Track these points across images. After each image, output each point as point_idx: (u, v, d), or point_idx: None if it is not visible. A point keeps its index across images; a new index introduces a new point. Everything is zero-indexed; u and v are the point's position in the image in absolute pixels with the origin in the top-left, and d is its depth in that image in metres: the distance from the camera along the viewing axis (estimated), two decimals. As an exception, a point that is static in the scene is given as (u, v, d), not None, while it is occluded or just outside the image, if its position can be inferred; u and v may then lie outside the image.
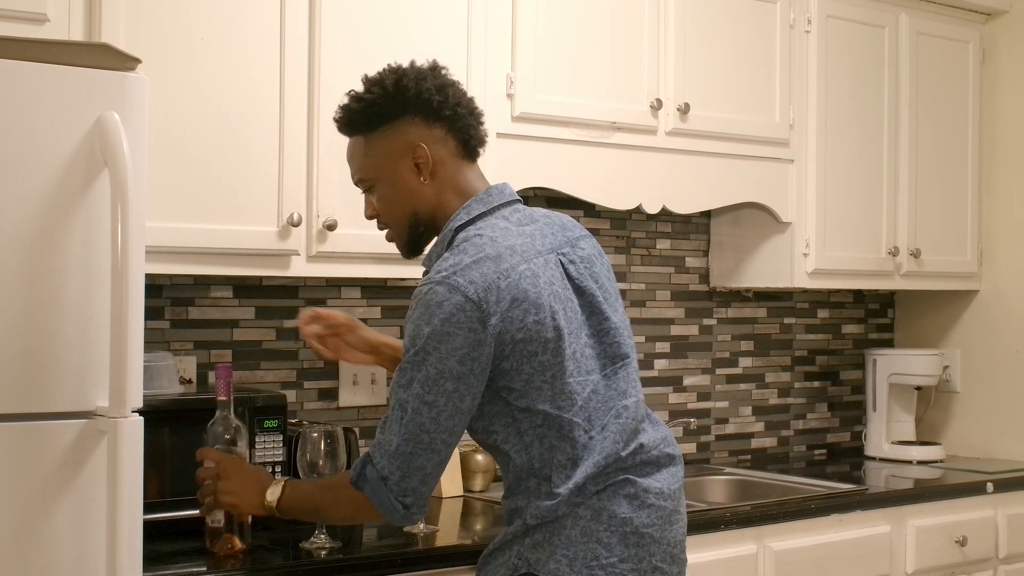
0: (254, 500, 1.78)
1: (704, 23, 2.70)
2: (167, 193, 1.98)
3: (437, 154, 1.73)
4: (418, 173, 1.73)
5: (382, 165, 1.74)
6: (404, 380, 1.64)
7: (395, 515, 1.66)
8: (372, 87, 1.75)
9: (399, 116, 1.72)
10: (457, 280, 1.62)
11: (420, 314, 1.63)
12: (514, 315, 1.63)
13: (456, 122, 1.74)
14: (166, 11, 2.00)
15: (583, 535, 1.65)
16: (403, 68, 1.75)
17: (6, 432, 1.54)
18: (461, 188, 1.75)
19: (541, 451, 1.68)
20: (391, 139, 1.73)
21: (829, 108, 2.93)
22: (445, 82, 1.75)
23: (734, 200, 2.83)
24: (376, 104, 1.73)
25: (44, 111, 1.56)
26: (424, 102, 1.72)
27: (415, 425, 1.62)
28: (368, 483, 1.65)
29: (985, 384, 3.28)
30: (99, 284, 1.58)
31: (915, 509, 2.73)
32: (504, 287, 1.63)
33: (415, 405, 1.62)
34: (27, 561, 1.55)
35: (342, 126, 1.78)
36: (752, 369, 3.21)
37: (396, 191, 1.74)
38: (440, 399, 1.61)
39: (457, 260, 1.65)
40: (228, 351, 2.40)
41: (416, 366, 1.62)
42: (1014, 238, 3.24)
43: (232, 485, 1.80)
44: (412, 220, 1.75)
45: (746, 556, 2.43)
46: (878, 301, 3.48)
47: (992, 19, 3.28)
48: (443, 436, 1.63)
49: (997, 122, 3.27)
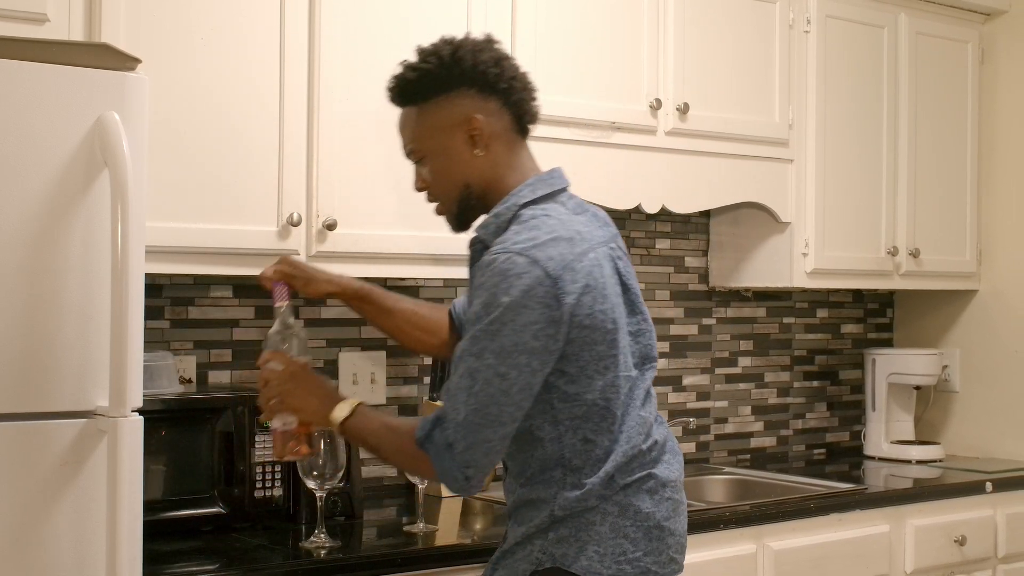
0: (321, 410, 1.71)
1: (703, 23, 2.70)
2: (167, 193, 1.99)
3: (492, 127, 1.70)
4: (472, 145, 1.70)
5: (435, 136, 1.71)
6: (476, 349, 1.60)
7: (454, 484, 1.63)
8: (428, 57, 1.71)
9: (455, 87, 1.69)
10: (536, 254, 1.60)
11: (497, 282, 1.60)
12: (585, 300, 1.62)
13: (511, 95, 1.72)
14: (166, 11, 2.00)
15: (612, 531, 1.66)
16: (459, 39, 1.72)
17: (6, 432, 1.54)
18: (515, 164, 1.73)
19: (574, 442, 1.67)
20: (445, 110, 1.70)
21: (828, 108, 2.94)
22: (500, 55, 1.73)
23: (733, 200, 2.83)
24: (431, 74, 1.70)
25: (44, 111, 1.56)
26: (480, 74, 1.69)
27: (485, 396, 1.59)
28: (433, 447, 1.61)
29: (984, 384, 3.29)
30: (99, 284, 1.58)
31: (914, 509, 2.74)
32: (579, 270, 1.62)
33: (487, 376, 1.59)
34: (27, 560, 1.55)
35: (395, 96, 1.74)
36: (751, 369, 3.21)
37: (449, 163, 1.71)
38: (512, 372, 1.59)
39: (532, 235, 1.63)
40: (228, 351, 2.40)
41: (490, 336, 1.59)
42: (1013, 238, 3.24)
43: (300, 390, 1.72)
44: (464, 193, 1.72)
45: (745, 556, 2.43)
46: (877, 301, 3.48)
47: (991, 19, 3.28)
48: (511, 410, 1.60)
49: (996, 122, 3.27)
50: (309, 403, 1.72)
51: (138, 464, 1.58)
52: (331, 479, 2.03)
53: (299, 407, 1.73)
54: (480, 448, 1.60)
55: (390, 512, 2.38)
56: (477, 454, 1.60)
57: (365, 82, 2.22)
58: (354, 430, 1.71)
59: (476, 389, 1.59)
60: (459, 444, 1.60)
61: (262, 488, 2.12)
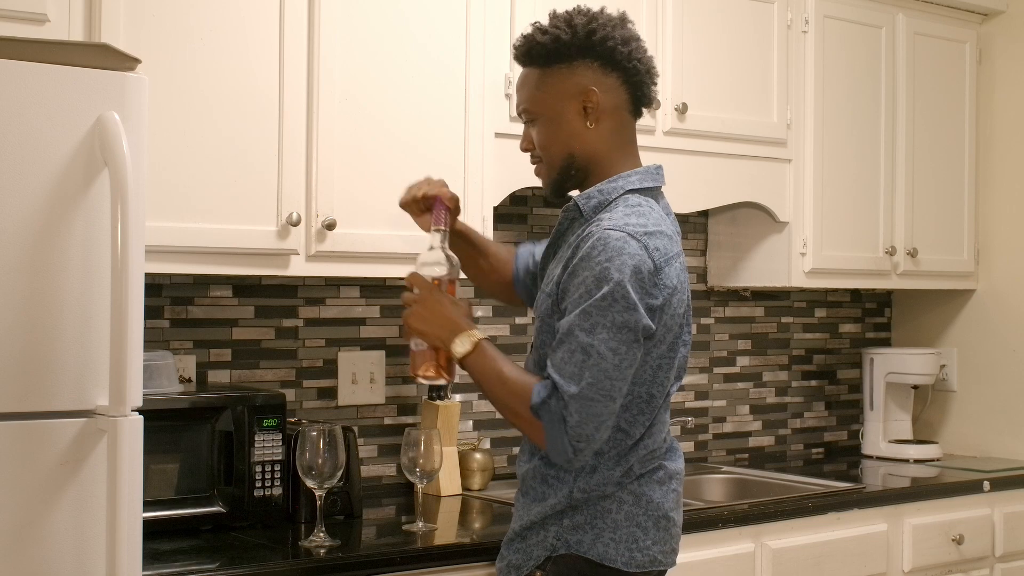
0: (443, 335, 1.72)
1: (702, 23, 2.71)
2: (167, 192, 1.99)
3: (608, 102, 1.75)
4: (585, 117, 1.75)
5: (551, 101, 1.75)
6: (588, 324, 1.62)
7: (563, 456, 1.64)
8: (560, 24, 1.76)
9: (580, 57, 1.74)
10: (648, 241, 1.66)
11: (609, 258, 1.63)
12: (673, 300, 1.69)
13: (632, 76, 1.76)
14: (166, 11, 2.00)
15: (627, 519, 1.71)
16: (595, 12, 1.77)
17: (6, 431, 1.54)
18: (621, 144, 1.78)
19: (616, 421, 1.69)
20: (566, 78, 1.74)
21: (826, 108, 2.94)
22: (631, 35, 1.78)
23: (732, 200, 2.84)
24: (561, 40, 1.74)
25: (44, 111, 1.56)
26: (608, 49, 1.74)
27: (599, 371, 1.61)
28: (549, 415, 1.62)
29: (982, 383, 3.29)
30: (99, 283, 1.58)
31: (912, 507, 2.74)
32: (674, 267, 1.69)
33: (601, 351, 1.61)
34: (27, 559, 1.55)
35: (521, 55, 1.79)
36: (750, 368, 3.22)
37: (558, 129, 1.76)
38: (623, 348, 1.62)
39: (641, 221, 1.68)
40: (227, 350, 2.40)
41: (602, 312, 1.62)
42: (1010, 237, 3.25)
43: (427, 314, 1.72)
44: (567, 161, 1.76)
45: (744, 554, 2.44)
46: (875, 300, 3.49)
47: (989, 19, 3.29)
48: (621, 386, 1.63)
49: (994, 122, 3.28)
50: (430, 328, 1.72)
51: (138, 463, 1.59)
52: (330, 478, 2.03)
53: (420, 331, 1.73)
54: (592, 423, 1.62)
55: (389, 511, 2.38)
56: (589, 428, 1.62)
57: (364, 82, 2.23)
58: (472, 367, 1.72)
59: (590, 364, 1.61)
60: (573, 417, 1.62)
61: (261, 487, 2.12)
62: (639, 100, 1.79)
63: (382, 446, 2.58)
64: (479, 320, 2.75)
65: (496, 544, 1.87)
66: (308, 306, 2.51)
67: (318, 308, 2.52)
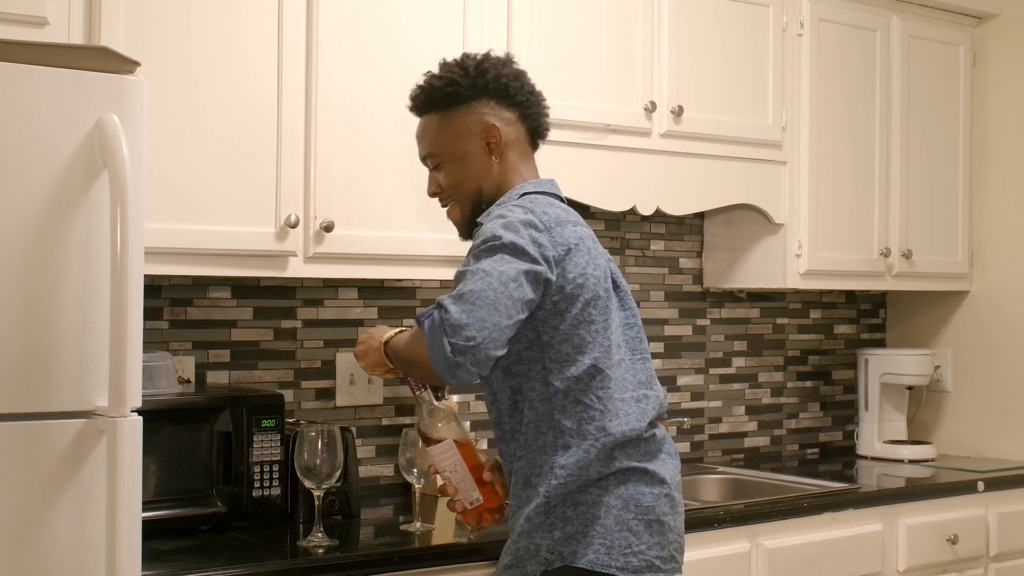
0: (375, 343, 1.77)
1: (697, 26, 2.72)
2: (166, 194, 2.00)
3: (508, 136, 1.82)
4: (488, 152, 1.81)
5: (455, 142, 1.81)
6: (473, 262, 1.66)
7: (443, 358, 1.60)
8: (453, 68, 1.83)
9: (477, 97, 1.81)
10: (532, 207, 1.72)
11: (494, 224, 1.69)
12: (576, 260, 1.71)
13: (528, 108, 1.84)
14: (165, 15, 2.01)
15: (617, 524, 1.70)
16: (483, 54, 1.85)
17: (6, 431, 1.55)
18: (523, 173, 1.84)
19: (564, 403, 1.71)
20: (467, 118, 1.81)
21: (821, 110, 2.96)
22: (520, 71, 1.86)
23: (727, 201, 2.85)
24: (456, 83, 1.81)
25: (44, 113, 1.57)
26: (503, 86, 1.81)
27: (482, 282, 1.62)
28: (430, 320, 1.63)
29: (976, 384, 3.31)
30: (99, 285, 1.59)
31: (907, 508, 2.75)
32: (570, 233, 1.73)
33: (485, 267, 1.63)
34: (27, 559, 1.56)
35: (420, 103, 1.85)
36: (745, 369, 3.23)
37: (465, 168, 1.81)
38: (510, 269, 1.63)
39: (527, 206, 1.74)
40: (226, 351, 2.41)
41: (488, 253, 1.65)
42: (1004, 239, 3.26)
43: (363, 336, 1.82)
44: (477, 197, 1.82)
45: (739, 554, 2.45)
46: (870, 301, 3.51)
47: (983, 23, 3.31)
48: (506, 302, 1.62)
49: (987, 124, 3.29)
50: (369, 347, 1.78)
51: (137, 464, 1.59)
52: (328, 478, 2.04)
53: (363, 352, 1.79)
54: (474, 325, 1.60)
55: (387, 511, 2.39)
56: (471, 330, 1.59)
57: (362, 85, 2.24)
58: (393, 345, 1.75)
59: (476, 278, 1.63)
60: (451, 317, 1.60)
61: (260, 487, 2.13)
62: (536, 132, 1.87)
63: (380, 446, 2.59)
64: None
65: (494, 544, 1.88)
66: (306, 307, 2.52)
67: (316, 309, 2.53)
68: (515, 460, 1.75)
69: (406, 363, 1.72)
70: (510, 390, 1.75)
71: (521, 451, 1.74)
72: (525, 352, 1.72)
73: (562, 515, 1.70)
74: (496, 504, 1.82)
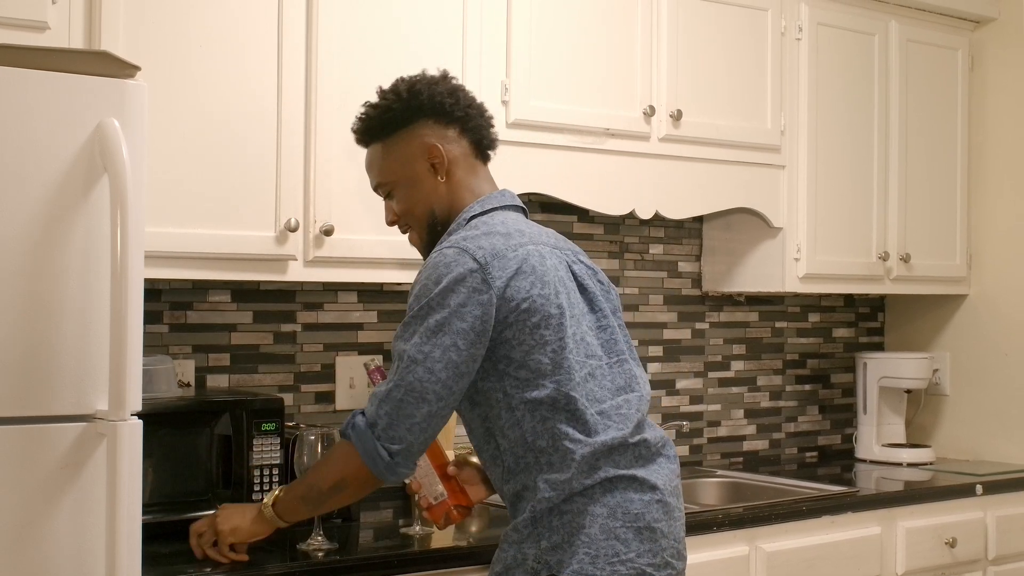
0: (248, 514, 1.83)
1: (696, 31, 2.73)
2: (166, 198, 2.00)
3: (451, 153, 1.81)
4: (435, 173, 1.80)
5: (400, 168, 1.81)
6: (406, 334, 1.66)
7: (379, 463, 1.64)
8: (387, 95, 1.83)
9: (414, 120, 1.80)
10: (467, 245, 1.69)
11: (428, 274, 1.69)
12: (520, 284, 1.69)
13: (468, 122, 1.82)
14: (165, 19, 2.02)
15: (602, 532, 1.68)
16: (415, 76, 1.84)
17: (6, 435, 1.55)
18: (474, 188, 1.82)
19: (533, 424, 1.70)
20: (407, 142, 1.81)
21: (820, 114, 2.96)
22: (456, 87, 1.84)
23: (726, 205, 2.85)
24: (391, 109, 1.81)
25: (45, 118, 1.57)
26: (437, 104, 1.80)
27: (408, 372, 1.64)
28: (355, 430, 1.65)
29: (974, 387, 3.31)
30: (99, 288, 1.60)
31: (905, 511, 2.76)
32: (511, 257, 1.70)
33: (412, 354, 1.64)
34: (27, 563, 1.56)
35: (361, 135, 1.85)
36: (744, 372, 3.24)
37: (414, 192, 1.81)
38: (436, 351, 1.63)
39: (468, 233, 1.73)
40: (226, 355, 2.42)
41: (419, 320, 1.66)
42: (1002, 243, 3.27)
43: (223, 515, 1.86)
44: (431, 219, 1.81)
45: (738, 557, 2.45)
46: (868, 305, 3.51)
47: (981, 27, 3.32)
48: (436, 388, 1.63)
49: (986, 128, 3.30)
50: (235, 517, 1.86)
51: (137, 467, 1.60)
52: (328, 482, 2.04)
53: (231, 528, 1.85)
54: (403, 424, 1.62)
55: (387, 514, 2.39)
56: (400, 430, 1.62)
57: (362, 89, 2.23)
58: (286, 499, 1.80)
59: (401, 368, 1.64)
60: (381, 420, 1.63)
61: (260, 491, 2.13)
62: (482, 144, 1.85)
63: (379, 450, 2.59)
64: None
65: (493, 546, 1.88)
66: (306, 311, 2.52)
67: (316, 313, 2.53)
68: (503, 483, 1.76)
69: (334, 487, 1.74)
70: (479, 419, 1.75)
71: (507, 475, 1.75)
72: (483, 383, 1.72)
73: (548, 524, 1.70)
74: (462, 501, 1.82)
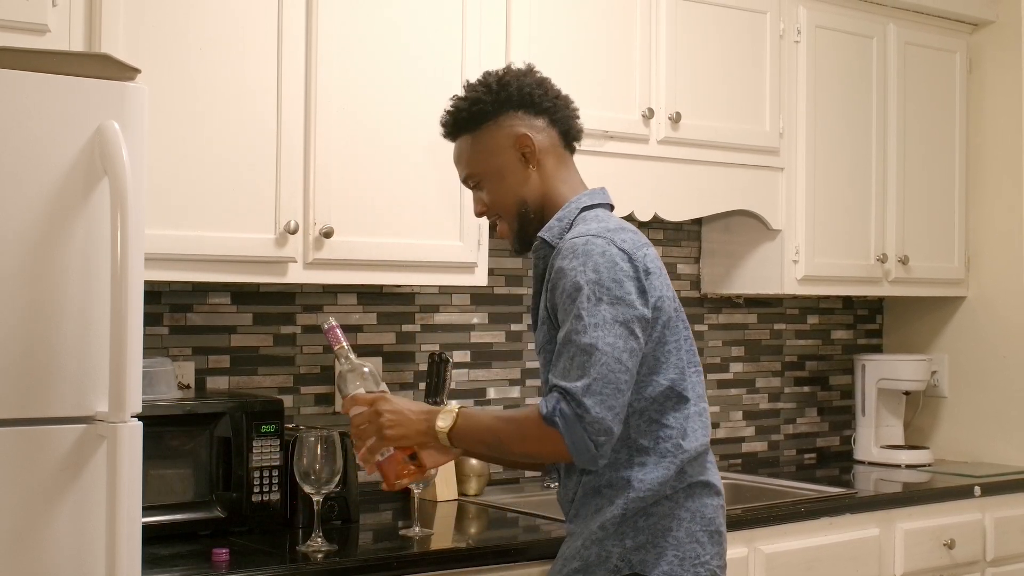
0: (421, 426, 1.70)
1: (695, 33, 2.73)
2: (166, 201, 2.01)
3: (541, 144, 1.82)
4: (525, 163, 1.81)
5: (490, 159, 1.82)
6: (580, 326, 1.64)
7: (586, 454, 1.63)
8: (475, 87, 1.84)
9: (503, 111, 1.81)
10: (612, 236, 1.71)
11: (582, 263, 1.68)
12: (655, 282, 1.73)
13: (556, 113, 1.84)
14: (165, 22, 2.02)
15: (687, 536, 1.73)
16: (504, 68, 1.86)
17: (6, 436, 1.55)
18: (566, 177, 1.84)
19: (639, 422, 1.72)
20: (497, 133, 1.82)
21: (818, 117, 2.97)
22: (543, 78, 1.86)
23: (725, 208, 2.86)
24: (481, 101, 1.82)
25: (45, 120, 1.58)
26: (526, 96, 1.82)
27: (603, 366, 1.63)
28: (564, 419, 1.62)
29: (972, 389, 3.32)
30: (99, 290, 1.60)
31: (904, 512, 2.76)
32: (646, 255, 1.73)
33: (599, 346, 1.63)
34: (27, 564, 1.56)
35: (450, 129, 1.86)
36: (743, 374, 3.24)
37: (504, 182, 1.82)
38: (619, 341, 1.64)
39: (602, 225, 1.74)
40: (226, 357, 2.42)
41: (591, 312, 1.65)
42: (1001, 245, 3.27)
43: (394, 416, 1.70)
44: (522, 208, 1.82)
45: (737, 559, 2.45)
46: (867, 307, 3.52)
47: (979, 29, 3.32)
48: (627, 378, 1.65)
49: (984, 130, 3.31)
50: (409, 428, 1.71)
51: (137, 469, 1.60)
52: (328, 483, 2.05)
53: (399, 435, 1.71)
54: (609, 414, 1.63)
55: (386, 516, 2.40)
56: (607, 421, 1.62)
57: (361, 92, 2.25)
58: (464, 434, 1.70)
59: (594, 360, 1.63)
60: (589, 413, 1.61)
61: (259, 492, 2.14)
62: (569, 135, 1.87)
63: (378, 452, 2.59)
64: (475, 326, 2.77)
65: (492, 548, 1.89)
66: (306, 313, 2.52)
67: (316, 315, 2.54)
68: (582, 474, 1.76)
69: (524, 455, 1.72)
70: None
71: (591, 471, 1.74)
72: None
73: (634, 525, 1.72)
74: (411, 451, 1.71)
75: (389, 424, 1.70)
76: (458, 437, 1.70)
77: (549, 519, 2.31)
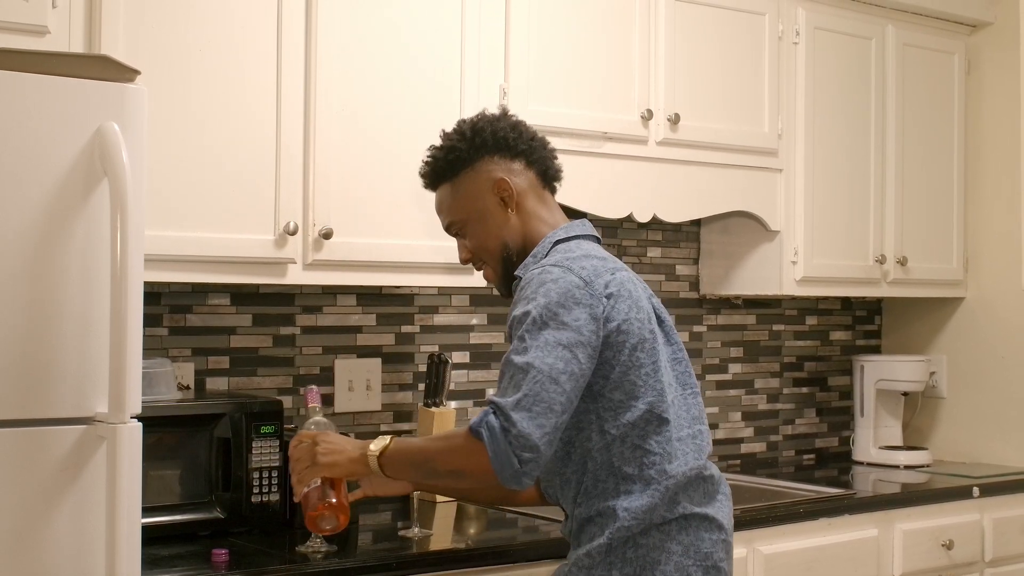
0: (354, 454, 1.74)
1: (694, 35, 2.74)
2: (166, 202, 2.01)
3: (519, 186, 1.83)
4: (504, 207, 1.83)
5: (470, 205, 1.83)
6: (521, 348, 1.66)
7: (509, 469, 1.61)
8: (450, 136, 1.86)
9: (479, 157, 1.83)
10: (570, 265, 1.72)
11: (535, 288, 1.69)
12: (619, 306, 1.71)
13: (532, 154, 1.85)
14: (164, 24, 2.02)
15: (677, 570, 1.71)
16: (476, 116, 1.87)
17: (6, 437, 1.56)
18: (546, 217, 1.85)
19: (622, 449, 1.71)
20: (475, 179, 1.83)
21: (817, 118, 2.97)
22: (517, 122, 1.87)
23: (723, 209, 2.86)
24: (456, 149, 1.83)
25: (45, 122, 1.58)
26: (501, 140, 1.83)
27: (536, 384, 1.62)
28: (490, 431, 1.61)
29: (971, 390, 3.32)
30: (99, 291, 1.60)
31: (902, 513, 2.77)
32: (610, 280, 1.73)
33: (536, 364, 1.63)
34: (26, 565, 1.56)
35: (429, 179, 1.87)
36: (741, 375, 3.24)
37: (486, 227, 1.83)
38: (559, 363, 1.64)
39: (564, 256, 1.75)
40: (226, 358, 2.42)
41: (533, 335, 1.65)
42: (999, 246, 3.28)
43: (330, 446, 1.76)
44: (505, 252, 1.83)
45: (736, 560, 2.41)
46: (865, 308, 3.52)
47: (977, 31, 3.33)
48: (562, 400, 1.64)
49: (982, 131, 3.31)
50: (342, 456, 1.76)
51: (137, 470, 1.60)
52: (327, 484, 2.05)
53: (332, 463, 1.76)
54: (536, 432, 1.61)
55: (385, 517, 2.40)
56: (534, 438, 1.60)
57: (361, 94, 2.25)
58: (395, 456, 1.73)
59: (528, 379, 1.63)
60: (515, 427, 1.60)
61: (259, 493, 2.14)
62: (547, 175, 1.87)
63: (377, 453, 2.59)
64: (474, 327, 2.78)
65: (491, 548, 1.89)
66: (305, 314, 2.53)
67: (315, 316, 2.54)
68: (574, 506, 1.76)
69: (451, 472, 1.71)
70: (562, 442, 1.74)
71: (581, 498, 1.75)
72: (578, 404, 1.71)
73: (622, 555, 1.71)
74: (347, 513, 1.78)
75: (323, 452, 1.77)
76: (388, 461, 1.73)
77: (548, 520, 2.31)
